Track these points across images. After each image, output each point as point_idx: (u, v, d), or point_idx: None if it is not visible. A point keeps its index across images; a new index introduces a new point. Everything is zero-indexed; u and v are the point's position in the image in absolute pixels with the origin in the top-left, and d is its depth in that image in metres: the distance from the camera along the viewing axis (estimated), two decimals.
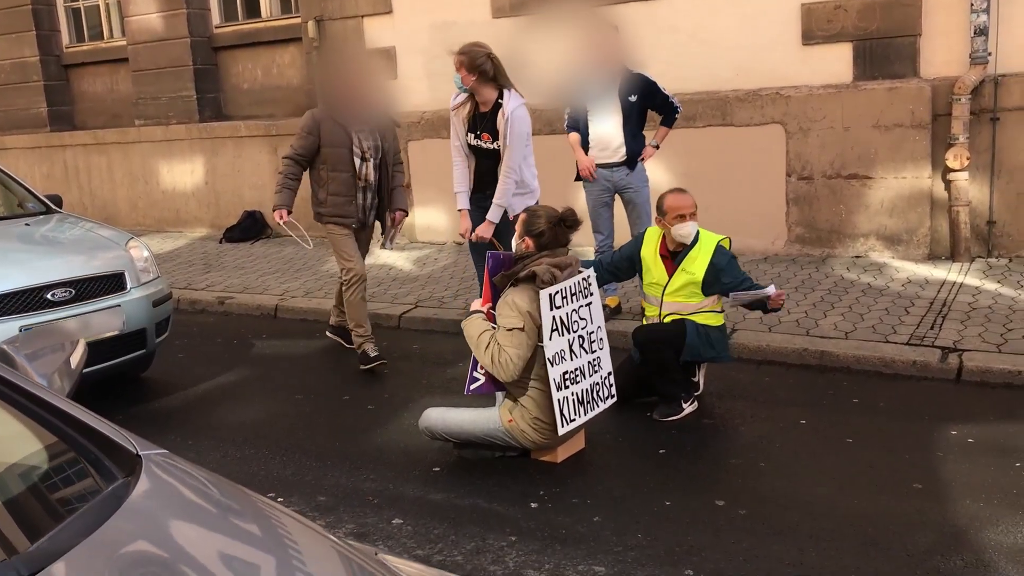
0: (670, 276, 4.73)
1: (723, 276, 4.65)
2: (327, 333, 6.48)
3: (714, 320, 4.78)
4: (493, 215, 5.48)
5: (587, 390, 4.19)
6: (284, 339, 6.83)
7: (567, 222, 4.17)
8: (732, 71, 7.57)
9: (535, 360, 4.06)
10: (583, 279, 4.18)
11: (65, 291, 4.95)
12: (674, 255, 4.76)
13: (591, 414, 4.21)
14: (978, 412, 4.62)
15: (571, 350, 4.11)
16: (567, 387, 4.07)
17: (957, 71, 6.90)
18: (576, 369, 4.14)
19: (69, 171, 12.27)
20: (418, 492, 3.98)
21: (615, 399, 4.41)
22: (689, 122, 7.64)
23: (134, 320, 5.24)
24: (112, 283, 5.23)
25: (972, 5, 6.70)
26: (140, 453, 1.88)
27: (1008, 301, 6.03)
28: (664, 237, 4.79)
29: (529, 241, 4.17)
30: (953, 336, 5.49)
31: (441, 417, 4.22)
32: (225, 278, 8.66)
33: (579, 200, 6.61)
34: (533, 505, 3.78)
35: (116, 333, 5.16)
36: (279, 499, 3.97)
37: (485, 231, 5.49)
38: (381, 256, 8.98)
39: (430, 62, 9.06)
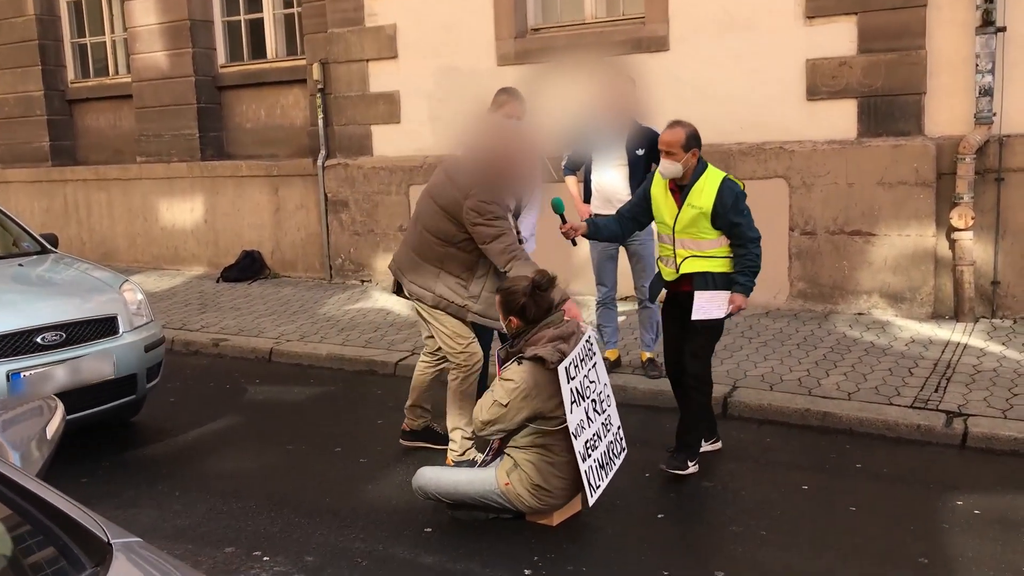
0: (679, 209, 4.59)
1: (731, 213, 4.49)
2: (402, 441, 5.20)
3: (727, 268, 4.60)
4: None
5: (604, 452, 4.13)
6: (277, 384, 6.72)
7: (542, 287, 4.07)
8: (736, 125, 7.55)
9: (535, 426, 3.98)
10: (587, 342, 4.10)
11: (56, 334, 4.86)
12: (682, 189, 4.61)
13: (612, 474, 4.15)
14: (984, 481, 4.52)
15: (587, 417, 4.05)
16: (590, 455, 4.00)
17: (962, 130, 6.89)
18: (594, 435, 4.07)
19: (69, 206, 12.23)
20: (409, 554, 3.86)
21: (626, 451, 4.37)
22: None
23: (125, 365, 5.15)
24: (104, 327, 5.14)
25: (977, 65, 6.70)
26: (111, 541, 1.78)
27: (1013, 364, 5.95)
28: None
29: (515, 320, 4.10)
30: (958, 400, 5.40)
31: (435, 477, 4.11)
32: (221, 319, 8.58)
33: (584, 251, 6.56)
34: (527, 572, 3.66)
35: (106, 378, 5.05)
36: (265, 557, 3.86)
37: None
38: (380, 300, 8.91)
39: (434, 107, 9.07)
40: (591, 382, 4.11)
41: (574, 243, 4.92)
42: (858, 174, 7.17)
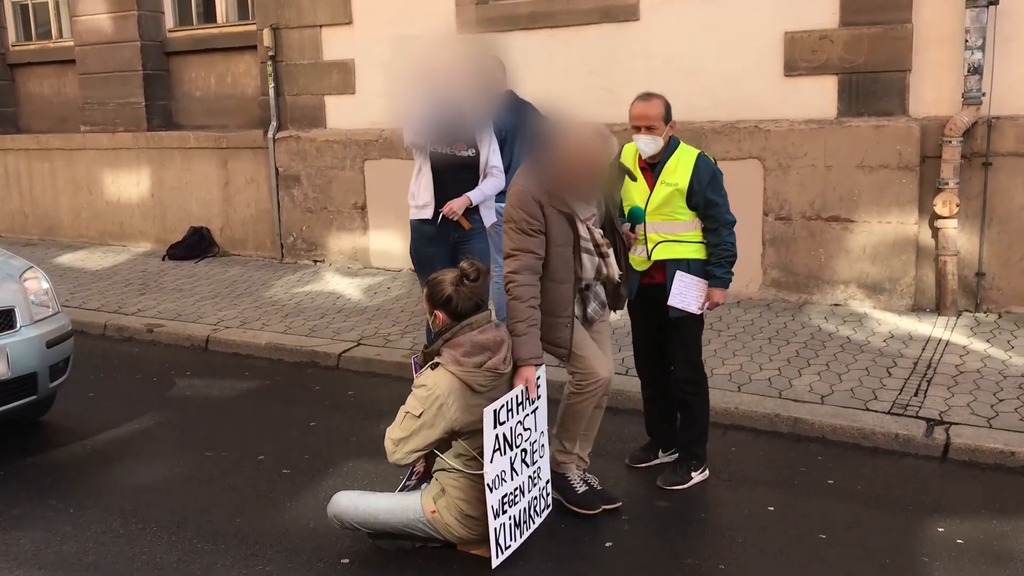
0: (651, 190, 4.13)
1: (708, 190, 4.06)
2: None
3: (702, 255, 4.17)
4: (474, 195, 5.10)
5: (524, 509, 3.65)
6: (209, 378, 6.20)
7: (469, 277, 3.59)
8: (710, 101, 7.06)
9: (460, 444, 3.50)
10: (536, 381, 3.63)
11: None
12: (653, 167, 4.15)
13: (527, 534, 3.68)
14: (967, 502, 4.09)
15: (512, 468, 3.57)
16: (505, 511, 3.52)
17: (949, 111, 6.42)
18: (516, 489, 3.59)
19: (11, 177, 11.59)
20: None
21: (551, 508, 3.88)
22: None
23: (22, 364, 4.62)
24: None
25: (967, 41, 6.22)
26: None
27: (998, 365, 5.54)
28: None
29: (441, 315, 3.59)
30: (939, 405, 4.98)
31: (353, 504, 3.62)
32: (159, 302, 8.04)
33: None
34: None
35: (0, 378, 4.53)
36: None
37: (459, 204, 5.03)
38: (331, 283, 8.40)
39: (390, 76, 8.50)
40: (525, 429, 3.62)
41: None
42: (837, 156, 6.70)
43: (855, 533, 3.82)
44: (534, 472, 3.71)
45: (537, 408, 3.71)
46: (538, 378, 3.69)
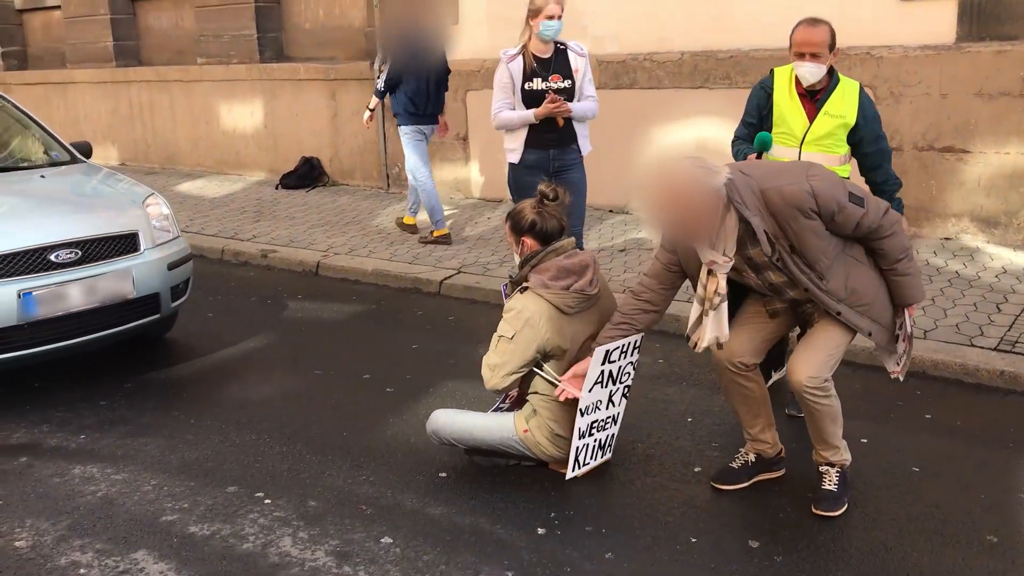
0: (811, 120, 3.99)
1: (874, 124, 3.98)
2: None
3: None
4: (576, 107, 5.17)
5: (605, 439, 3.77)
6: (319, 301, 6.49)
7: (548, 197, 3.66)
8: None
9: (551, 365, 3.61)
10: (639, 339, 3.68)
11: (71, 252, 4.65)
12: (811, 95, 4.01)
13: (601, 461, 3.79)
14: None
15: (610, 400, 3.68)
16: (592, 435, 3.65)
17: None
18: (608, 418, 3.72)
19: (133, 108, 12.12)
20: (416, 503, 3.58)
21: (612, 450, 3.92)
22: None
23: (146, 284, 4.94)
24: (124, 244, 4.91)
25: None
26: None
27: None
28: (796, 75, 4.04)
29: (528, 240, 3.65)
30: None
31: (450, 421, 3.79)
32: (273, 229, 8.38)
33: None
34: (540, 531, 3.35)
35: (126, 298, 4.86)
36: (267, 500, 3.64)
37: (562, 105, 5.09)
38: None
39: (493, 6, 8.50)
40: (626, 373, 3.72)
41: None
42: (953, 83, 6.41)
43: (951, 468, 3.78)
44: (618, 413, 3.80)
45: (636, 356, 3.74)
46: (639, 340, 3.71)
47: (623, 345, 3.57)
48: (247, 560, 3.23)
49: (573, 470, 3.63)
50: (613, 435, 3.80)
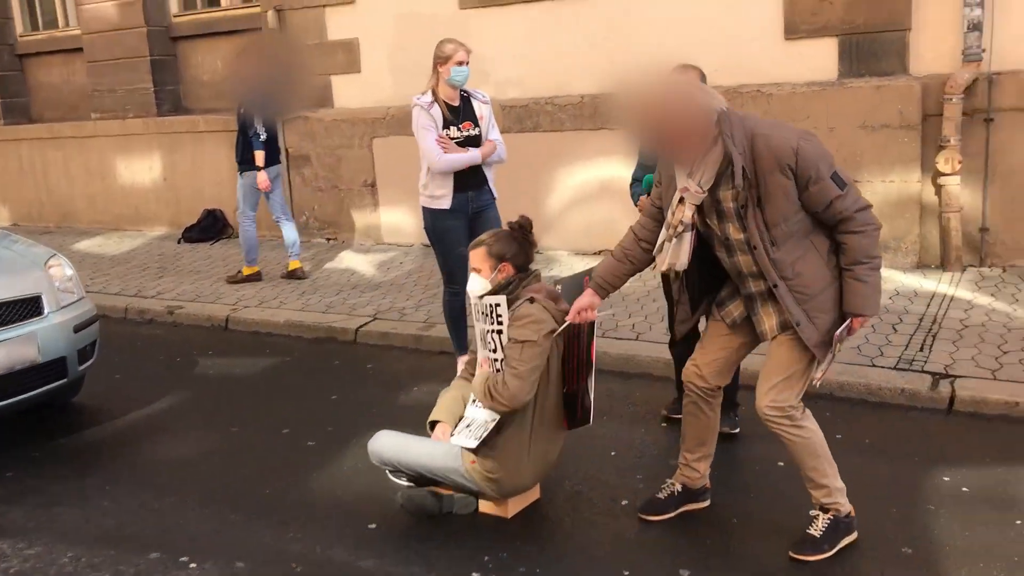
0: None
1: None
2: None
3: None
4: (478, 152, 5.19)
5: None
6: (231, 356, 6.37)
7: (526, 228, 3.86)
8: (713, 65, 7.05)
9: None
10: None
11: None
12: None
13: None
14: (973, 452, 4.21)
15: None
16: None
17: (949, 68, 6.48)
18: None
19: (25, 166, 11.74)
20: (347, 556, 3.54)
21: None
22: None
23: (51, 348, 4.78)
24: (27, 308, 4.76)
25: None
26: None
27: (1003, 318, 5.64)
28: None
29: (508, 266, 3.77)
30: (944, 360, 5.09)
31: (394, 442, 3.78)
32: (178, 284, 8.20)
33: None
34: (474, 575, 3.36)
35: (32, 363, 4.69)
36: (192, 564, 3.54)
37: (487, 151, 5.21)
38: (345, 260, 8.54)
39: (395, 55, 8.59)
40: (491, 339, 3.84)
41: None
42: (839, 117, 6.77)
43: (862, 484, 3.92)
44: None
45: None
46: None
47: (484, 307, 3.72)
48: None
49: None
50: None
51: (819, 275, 3.26)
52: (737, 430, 4.52)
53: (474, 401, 3.80)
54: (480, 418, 3.74)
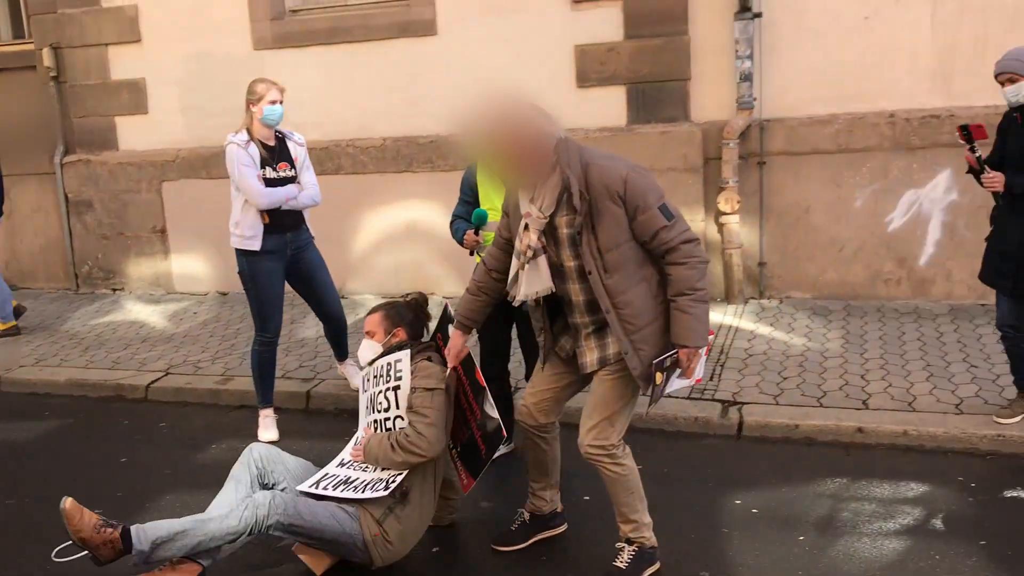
0: None
1: None
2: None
3: None
4: (292, 191, 5.18)
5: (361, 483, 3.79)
6: (5, 421, 5.84)
7: (423, 303, 4.13)
8: None
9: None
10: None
11: None
12: None
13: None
14: (760, 475, 4.48)
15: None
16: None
17: (726, 116, 6.95)
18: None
19: None
20: None
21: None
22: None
23: None
24: None
25: (737, 51, 6.76)
26: None
27: (781, 346, 6.05)
28: None
29: (402, 331, 3.98)
30: (732, 388, 5.40)
31: (294, 500, 3.54)
32: None
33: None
34: None
35: None
36: None
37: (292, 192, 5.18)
38: (132, 311, 8.05)
39: (186, 95, 8.26)
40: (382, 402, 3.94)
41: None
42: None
43: (664, 513, 4.07)
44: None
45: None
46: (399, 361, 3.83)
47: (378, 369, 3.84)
48: None
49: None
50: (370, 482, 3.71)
51: (647, 307, 3.34)
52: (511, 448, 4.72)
53: (357, 466, 3.77)
54: (365, 477, 3.68)
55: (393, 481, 3.58)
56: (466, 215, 4.48)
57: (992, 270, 4.59)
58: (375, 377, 3.83)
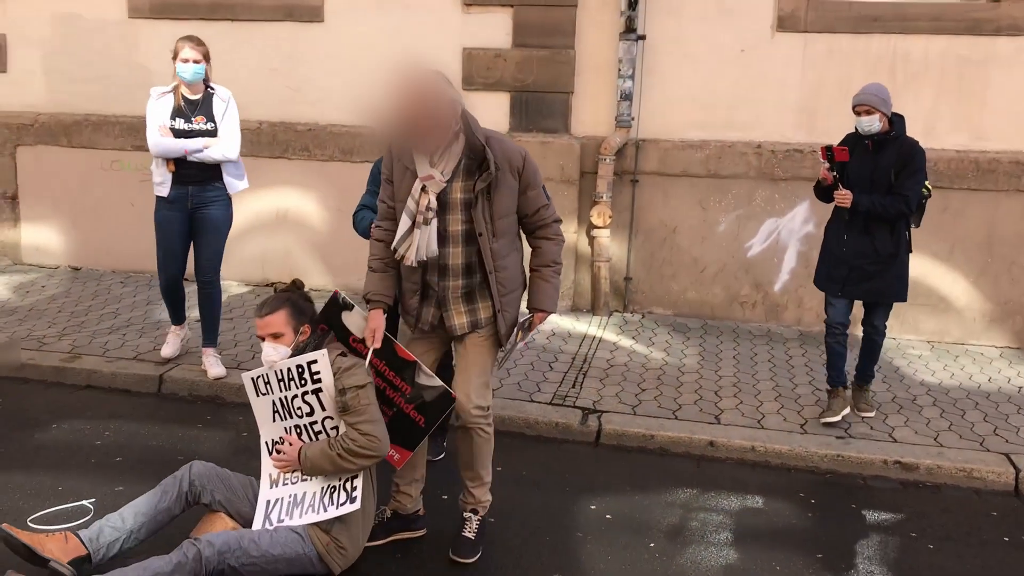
0: None
1: None
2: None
3: None
4: (190, 144, 5.32)
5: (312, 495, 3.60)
6: None
7: (302, 287, 3.83)
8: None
9: None
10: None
11: None
12: None
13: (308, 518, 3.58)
14: (615, 482, 4.60)
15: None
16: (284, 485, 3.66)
17: (605, 132, 7.12)
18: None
19: None
20: None
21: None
22: (347, 156, 7.23)
23: None
24: None
25: (620, 70, 6.94)
26: None
27: (641, 359, 6.23)
28: None
29: (308, 328, 3.65)
30: (593, 396, 5.52)
31: (238, 536, 3.35)
32: None
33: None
34: None
35: None
36: None
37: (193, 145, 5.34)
38: None
39: (52, 57, 7.83)
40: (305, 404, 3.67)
41: None
42: None
43: (520, 514, 4.15)
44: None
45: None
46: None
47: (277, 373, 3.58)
48: None
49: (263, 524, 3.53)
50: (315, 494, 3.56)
51: (517, 275, 3.70)
52: (441, 457, 4.67)
53: (292, 479, 3.59)
54: (311, 489, 3.54)
55: (354, 489, 3.47)
56: (372, 205, 4.41)
57: (824, 275, 5.18)
58: (279, 381, 3.58)
